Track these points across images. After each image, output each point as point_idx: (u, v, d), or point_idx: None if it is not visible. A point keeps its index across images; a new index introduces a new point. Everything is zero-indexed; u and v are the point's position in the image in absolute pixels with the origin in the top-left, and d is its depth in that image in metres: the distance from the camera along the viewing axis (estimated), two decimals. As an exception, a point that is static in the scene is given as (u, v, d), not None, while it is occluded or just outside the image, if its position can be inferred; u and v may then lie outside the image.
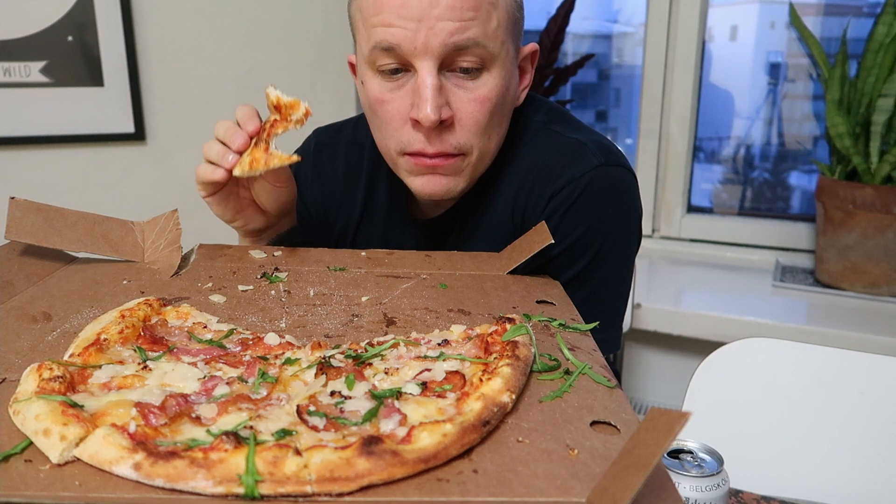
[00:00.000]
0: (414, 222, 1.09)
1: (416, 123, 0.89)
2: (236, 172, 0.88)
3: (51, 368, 0.53)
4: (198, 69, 1.97)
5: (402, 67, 0.89)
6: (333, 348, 0.63)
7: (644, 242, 2.39)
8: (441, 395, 0.54)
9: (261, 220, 0.99)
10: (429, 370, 0.58)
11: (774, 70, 2.34)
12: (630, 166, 1.00)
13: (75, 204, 0.89)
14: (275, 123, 0.88)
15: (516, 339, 0.60)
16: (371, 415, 0.50)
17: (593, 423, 0.52)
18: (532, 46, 0.99)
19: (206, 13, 1.95)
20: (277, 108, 0.88)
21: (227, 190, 0.94)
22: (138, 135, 1.93)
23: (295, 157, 0.88)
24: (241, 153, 0.88)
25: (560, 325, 0.72)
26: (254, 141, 0.89)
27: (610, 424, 0.52)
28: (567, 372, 0.60)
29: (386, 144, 0.95)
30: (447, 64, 0.88)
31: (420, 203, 1.08)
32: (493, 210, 1.02)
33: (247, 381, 0.56)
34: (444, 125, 0.89)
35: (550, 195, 0.96)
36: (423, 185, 0.95)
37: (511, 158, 1.01)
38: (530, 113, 1.04)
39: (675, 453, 0.70)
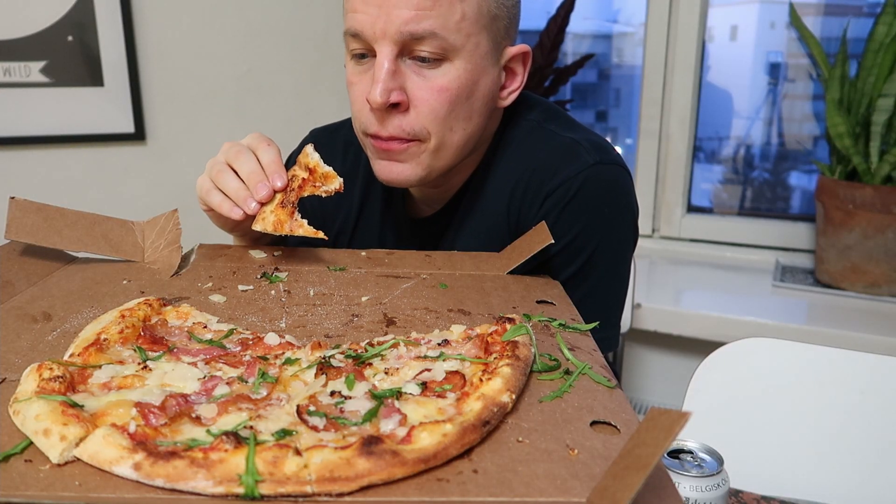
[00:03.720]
0: (409, 221, 1.09)
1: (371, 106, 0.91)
2: (256, 227, 0.87)
3: (51, 368, 0.53)
4: (198, 69, 1.97)
5: (369, 52, 0.91)
6: (333, 348, 0.63)
7: (644, 242, 2.37)
8: (441, 395, 0.54)
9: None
10: (429, 370, 0.58)
11: (774, 70, 2.34)
12: (625, 164, 0.99)
13: (75, 204, 0.89)
14: (303, 185, 0.87)
15: (516, 339, 0.60)
16: (371, 415, 0.50)
17: (593, 423, 0.52)
18: (521, 47, 0.98)
19: (206, 13, 1.95)
20: (310, 170, 0.87)
21: None
22: (138, 135, 1.93)
23: (321, 235, 0.86)
24: (262, 204, 0.88)
25: (560, 325, 0.72)
26: (278, 197, 0.87)
27: (610, 424, 0.52)
28: (567, 372, 0.60)
29: (356, 127, 0.98)
30: (407, 51, 0.89)
31: (416, 201, 1.08)
32: (488, 209, 1.02)
33: (247, 381, 0.56)
34: (398, 109, 0.91)
35: (546, 194, 0.96)
36: (381, 169, 0.96)
37: (505, 157, 1.01)
38: (524, 112, 1.04)
39: (675, 453, 0.70)
